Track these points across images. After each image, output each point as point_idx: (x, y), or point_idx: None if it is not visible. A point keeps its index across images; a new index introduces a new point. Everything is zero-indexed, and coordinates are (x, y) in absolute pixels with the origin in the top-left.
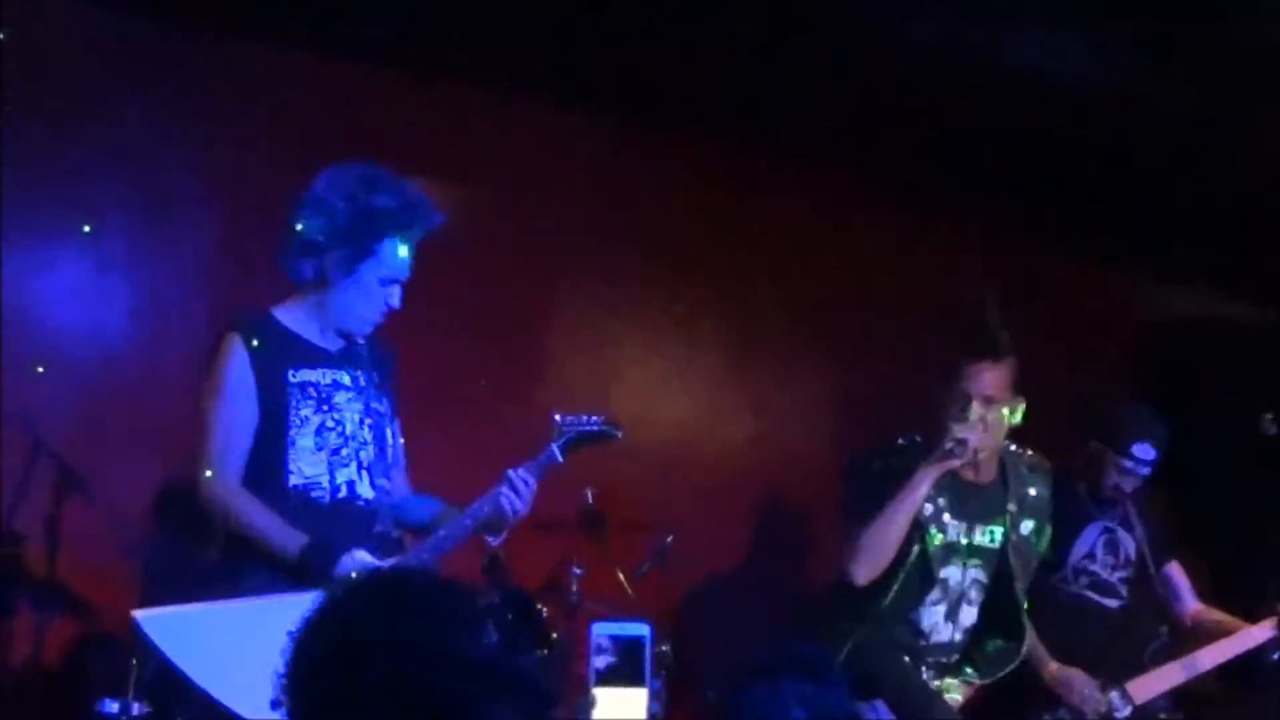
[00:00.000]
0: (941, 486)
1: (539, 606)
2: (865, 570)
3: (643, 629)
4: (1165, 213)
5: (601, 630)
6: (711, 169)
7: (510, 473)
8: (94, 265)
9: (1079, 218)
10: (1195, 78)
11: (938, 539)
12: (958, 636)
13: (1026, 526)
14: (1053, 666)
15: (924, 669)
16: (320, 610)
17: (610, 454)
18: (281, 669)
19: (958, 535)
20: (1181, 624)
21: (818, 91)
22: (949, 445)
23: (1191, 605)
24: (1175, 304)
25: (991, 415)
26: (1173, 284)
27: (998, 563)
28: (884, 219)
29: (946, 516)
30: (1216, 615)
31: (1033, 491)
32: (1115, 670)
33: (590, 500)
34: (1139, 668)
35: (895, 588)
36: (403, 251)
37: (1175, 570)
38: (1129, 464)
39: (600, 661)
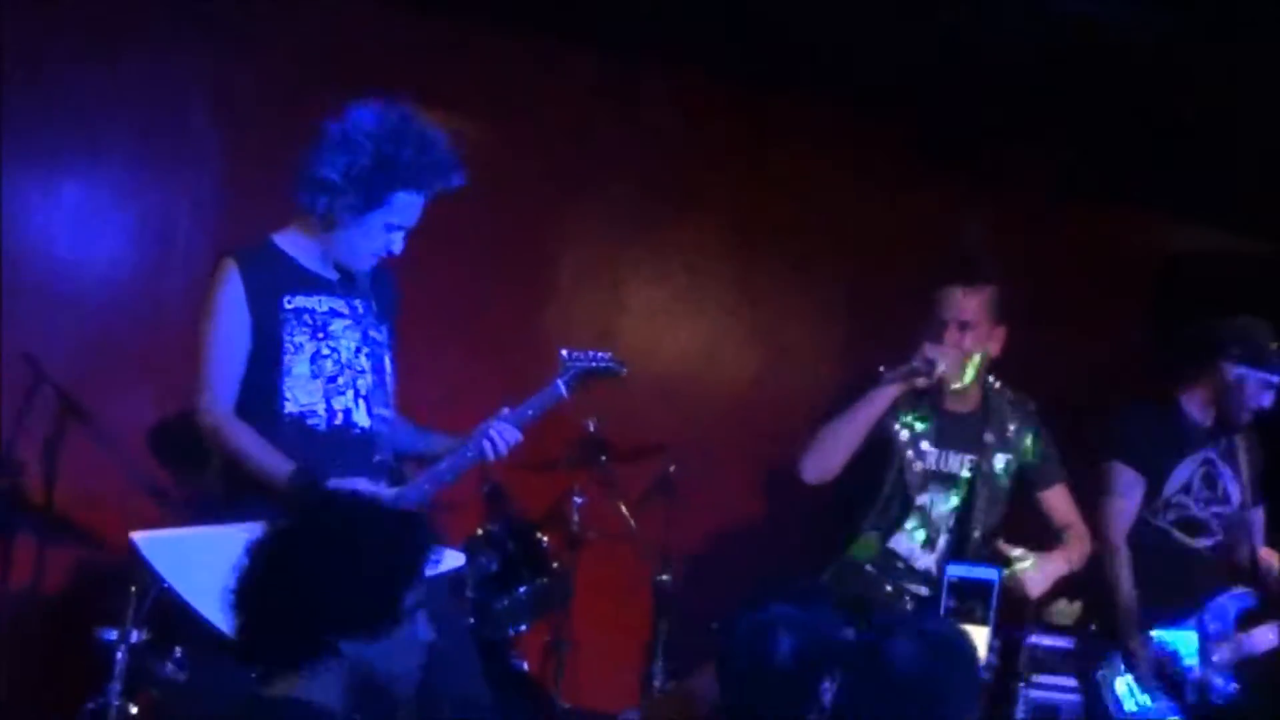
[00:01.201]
0: (922, 413)
1: (540, 536)
2: (812, 465)
3: (993, 573)
4: (1180, 149)
5: (954, 571)
6: (717, 105)
7: (492, 424)
8: (96, 196)
9: (1085, 161)
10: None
11: (916, 465)
12: (934, 567)
13: (999, 461)
14: (1139, 638)
15: (905, 599)
16: (269, 533)
17: (614, 385)
18: (231, 584)
19: (936, 463)
20: (1249, 569)
21: (825, 35)
22: (916, 363)
23: (1261, 551)
24: (1192, 242)
25: (967, 340)
26: (1191, 224)
27: (966, 493)
28: (889, 156)
29: (925, 444)
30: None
31: (1011, 427)
32: (1197, 613)
33: (593, 430)
34: (1226, 618)
35: (877, 510)
36: (415, 203)
37: (1259, 514)
38: (1277, 378)
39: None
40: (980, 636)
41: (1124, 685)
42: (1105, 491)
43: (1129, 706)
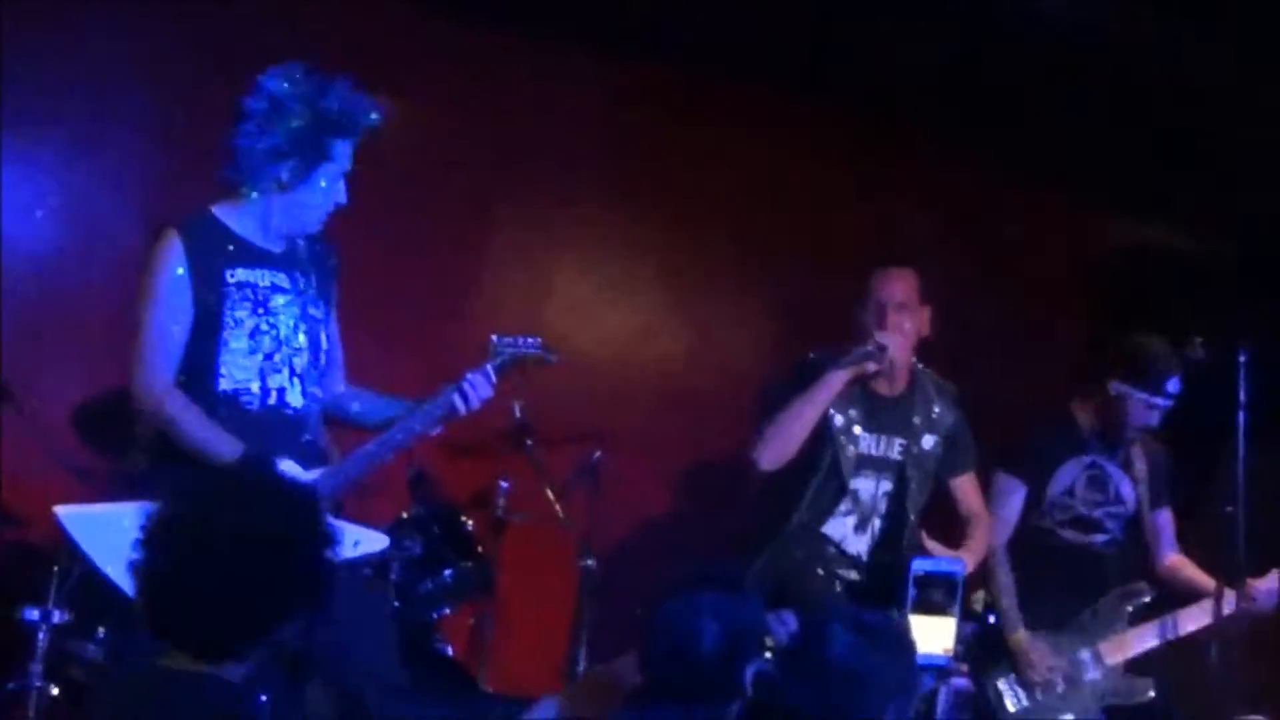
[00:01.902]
0: (854, 398)
1: (465, 520)
2: (769, 455)
3: (958, 566)
4: (1115, 142)
5: (919, 565)
6: (646, 90)
7: (467, 376)
8: (24, 171)
9: (1024, 151)
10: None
11: (850, 449)
12: (866, 551)
13: (928, 441)
14: (1020, 634)
15: (836, 584)
16: (166, 506)
17: (542, 368)
18: (132, 557)
19: (869, 447)
20: (1154, 572)
21: (755, 19)
22: (869, 347)
23: (1169, 556)
24: (1126, 235)
25: (906, 321)
26: (1121, 215)
27: (899, 475)
28: (818, 143)
29: (858, 429)
30: (1190, 571)
31: (936, 409)
32: (1091, 616)
33: (519, 414)
34: (1117, 617)
35: (810, 495)
36: (348, 148)
37: (1165, 517)
38: (1160, 400)
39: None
40: (948, 628)
41: (1004, 684)
42: (989, 498)
43: (1009, 706)
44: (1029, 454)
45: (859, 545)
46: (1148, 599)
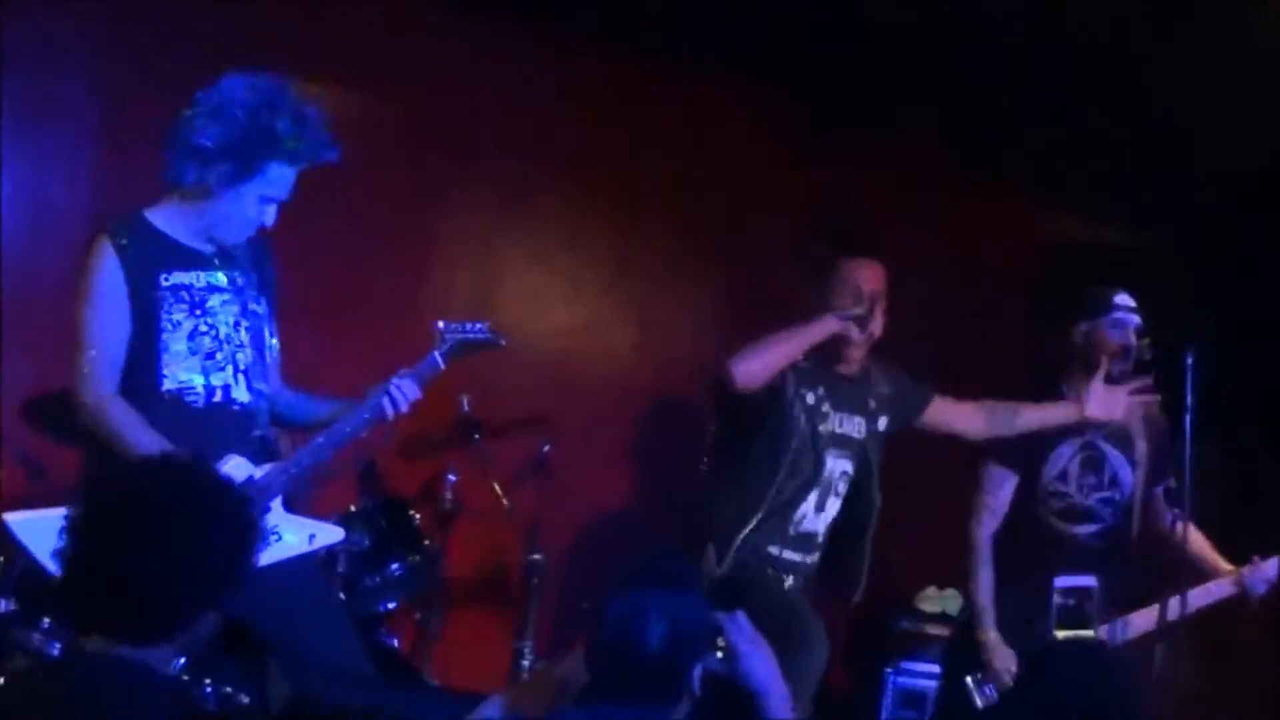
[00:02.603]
0: (819, 377)
1: (412, 513)
2: (745, 370)
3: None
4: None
5: (1061, 581)
6: (599, 80)
7: (393, 380)
8: None
9: (976, 144)
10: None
11: (821, 426)
12: (821, 530)
13: (882, 422)
14: (991, 635)
15: (787, 577)
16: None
17: (489, 361)
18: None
19: (835, 425)
20: (1160, 546)
21: (705, 6)
22: (859, 311)
23: (1171, 529)
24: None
25: (877, 309)
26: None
27: (860, 456)
28: (772, 134)
29: (826, 406)
30: (1199, 544)
31: (887, 390)
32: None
33: (466, 408)
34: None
35: (784, 471)
36: (288, 176)
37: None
38: (1120, 315)
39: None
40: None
41: (973, 681)
42: (976, 489)
43: (978, 701)
44: (1016, 440)
45: (816, 524)
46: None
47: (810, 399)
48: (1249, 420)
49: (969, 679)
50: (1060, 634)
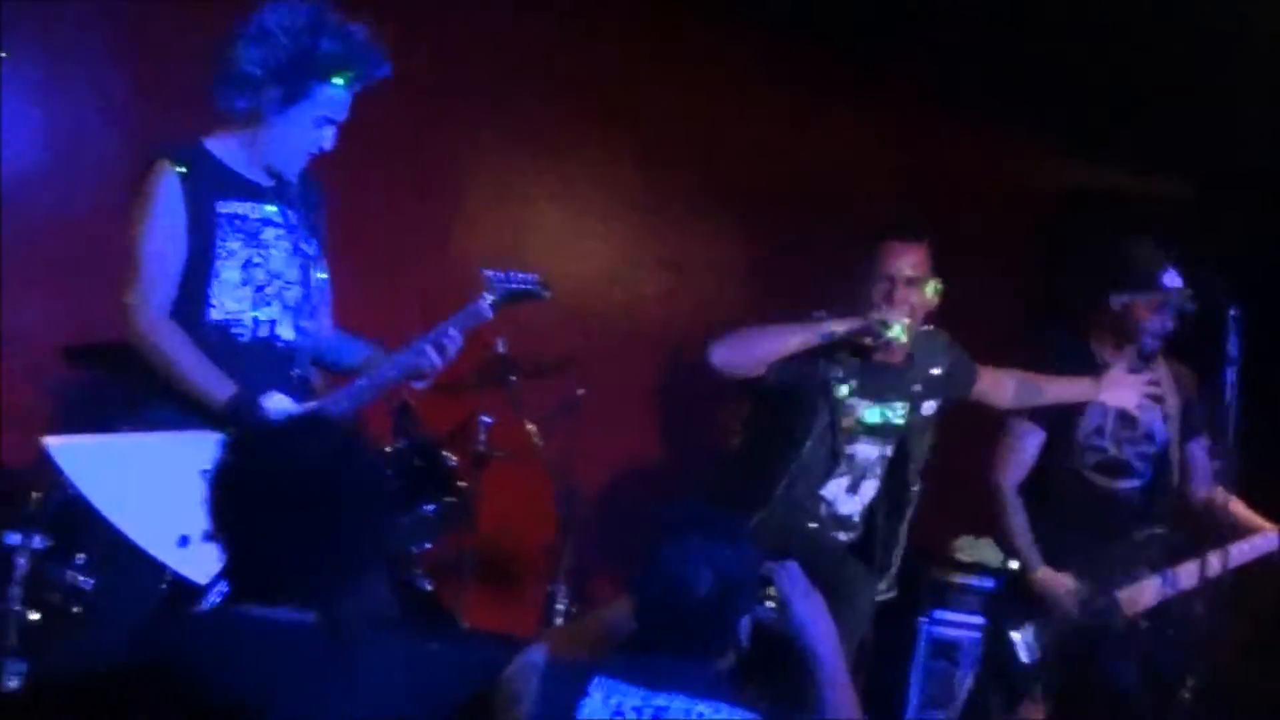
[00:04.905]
0: (855, 369)
1: (446, 455)
2: (722, 355)
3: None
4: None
5: None
6: (632, 24)
7: (440, 328)
8: (7, 93)
9: (996, 90)
10: None
11: (845, 420)
12: (858, 511)
13: (929, 407)
14: (1041, 572)
15: (835, 537)
16: (238, 452)
17: (525, 305)
18: (207, 506)
19: (867, 414)
20: (1192, 505)
21: None
22: (870, 324)
23: (1205, 489)
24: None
25: (915, 297)
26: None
27: (900, 441)
28: (799, 79)
29: (857, 399)
30: (1236, 506)
31: (936, 371)
32: (1114, 562)
33: (501, 350)
34: (1138, 565)
35: (802, 460)
36: (340, 95)
37: (1200, 447)
38: (1164, 296)
39: None
40: None
41: (1019, 635)
42: (1001, 438)
43: (1023, 657)
44: None
45: (850, 506)
46: (1165, 545)
47: (841, 391)
48: None
49: (1016, 633)
50: None
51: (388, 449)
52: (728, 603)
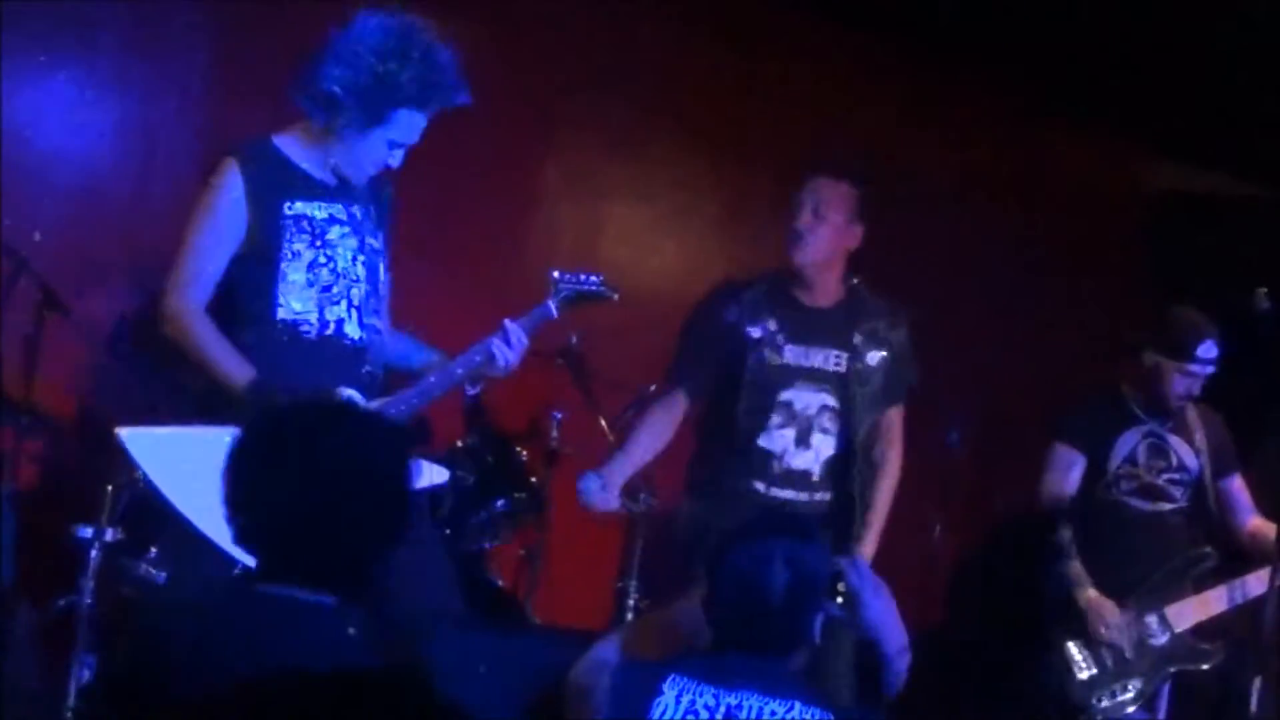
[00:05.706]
0: (771, 309)
1: (518, 450)
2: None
3: None
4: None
5: None
6: (706, 20)
7: (506, 323)
8: (86, 88)
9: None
10: None
11: (773, 360)
12: (817, 467)
13: (873, 358)
14: (1089, 593)
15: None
16: (254, 436)
17: (592, 305)
18: (222, 491)
19: (795, 358)
20: (1238, 540)
21: None
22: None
23: (1250, 521)
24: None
25: (822, 228)
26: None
27: (841, 390)
28: (881, 75)
29: (780, 338)
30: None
31: (880, 325)
32: (1158, 582)
33: (575, 345)
34: (1183, 583)
35: (740, 408)
36: (417, 121)
37: (1237, 484)
38: (1195, 367)
39: None
40: None
41: (1075, 649)
42: (1045, 465)
43: (1078, 673)
44: (1085, 425)
45: (803, 461)
46: (1213, 564)
47: (756, 333)
48: None
49: (1071, 647)
50: None
51: (459, 444)
52: (803, 601)
